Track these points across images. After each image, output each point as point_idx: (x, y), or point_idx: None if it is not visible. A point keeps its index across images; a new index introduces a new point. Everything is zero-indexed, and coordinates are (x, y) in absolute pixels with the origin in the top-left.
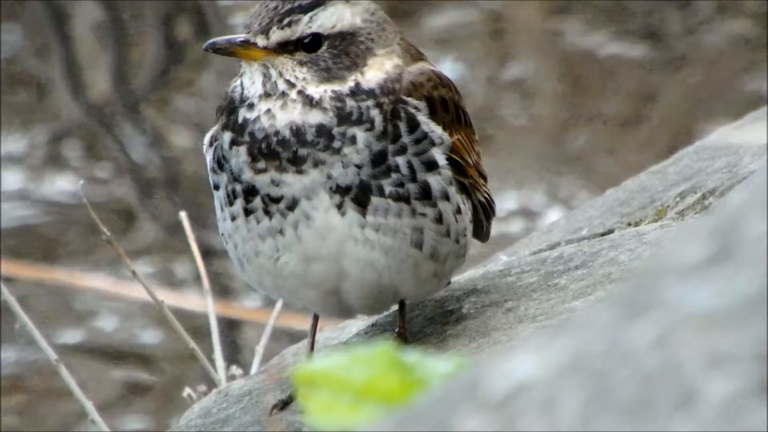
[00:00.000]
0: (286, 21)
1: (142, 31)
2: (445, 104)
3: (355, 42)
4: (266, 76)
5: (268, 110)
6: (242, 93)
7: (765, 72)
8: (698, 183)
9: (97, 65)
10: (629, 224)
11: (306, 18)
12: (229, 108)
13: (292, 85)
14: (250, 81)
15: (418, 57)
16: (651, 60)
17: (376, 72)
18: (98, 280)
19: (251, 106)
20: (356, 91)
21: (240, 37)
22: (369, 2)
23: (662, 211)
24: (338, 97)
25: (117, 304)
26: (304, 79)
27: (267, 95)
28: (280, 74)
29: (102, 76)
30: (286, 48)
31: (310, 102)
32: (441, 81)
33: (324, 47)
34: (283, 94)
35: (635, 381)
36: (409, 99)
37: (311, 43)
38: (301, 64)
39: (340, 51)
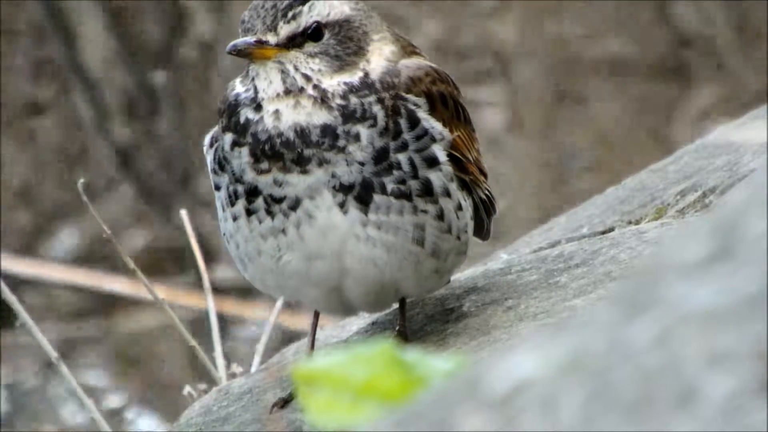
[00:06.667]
0: (290, 14)
1: None
2: (445, 100)
3: (352, 28)
4: (284, 73)
5: (276, 111)
6: (255, 95)
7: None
8: (699, 181)
9: None
10: (630, 222)
11: (306, 8)
12: (230, 110)
13: (308, 78)
14: (266, 82)
15: (411, 50)
16: None
17: (378, 58)
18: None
19: (258, 108)
20: (363, 85)
21: (252, 37)
22: None
23: (663, 210)
24: (345, 95)
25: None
26: (319, 70)
27: (287, 92)
28: (296, 68)
29: None
30: (294, 42)
31: (322, 98)
32: (439, 76)
33: (327, 35)
34: (301, 90)
35: (636, 379)
36: (409, 95)
37: (314, 33)
38: (312, 55)
39: (343, 37)
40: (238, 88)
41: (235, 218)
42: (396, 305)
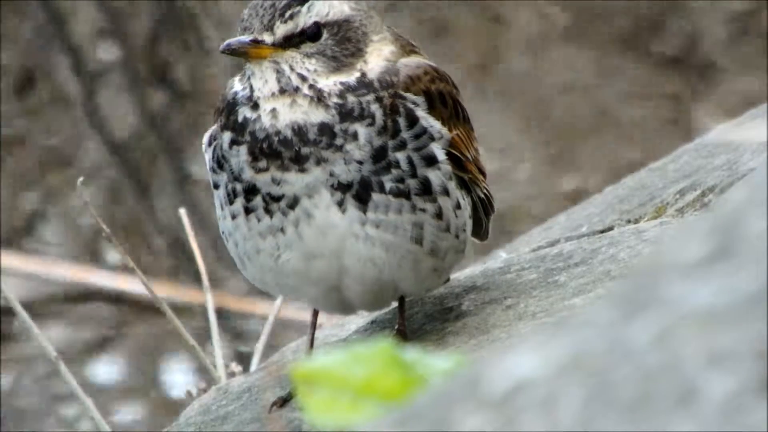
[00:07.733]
0: (287, 14)
1: None
2: (444, 99)
3: (352, 28)
4: (279, 72)
5: (273, 110)
6: (251, 94)
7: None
8: (698, 180)
9: None
10: (629, 221)
11: (304, 9)
12: (228, 108)
13: (303, 78)
14: (261, 81)
15: (410, 49)
16: None
17: (376, 59)
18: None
19: (255, 106)
20: (360, 84)
21: (248, 36)
22: None
23: (662, 209)
24: (341, 94)
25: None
26: (315, 71)
27: (282, 91)
28: (292, 68)
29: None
30: (291, 41)
31: (318, 97)
32: (438, 75)
33: (325, 36)
34: (297, 90)
35: (635, 379)
36: (408, 94)
37: (313, 33)
38: (309, 56)
39: (342, 38)
40: (237, 86)
41: (233, 217)
42: (395, 304)
